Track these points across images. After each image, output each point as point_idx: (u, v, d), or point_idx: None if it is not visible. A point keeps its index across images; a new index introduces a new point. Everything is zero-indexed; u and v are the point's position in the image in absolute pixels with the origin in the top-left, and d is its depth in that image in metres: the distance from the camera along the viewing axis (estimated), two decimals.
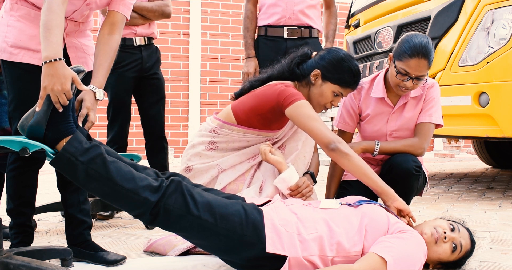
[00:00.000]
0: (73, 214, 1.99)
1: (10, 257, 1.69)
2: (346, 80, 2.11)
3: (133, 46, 2.92)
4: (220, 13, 7.19)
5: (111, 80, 2.89)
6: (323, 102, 2.13)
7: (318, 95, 2.13)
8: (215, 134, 2.16)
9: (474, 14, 3.25)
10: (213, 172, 2.13)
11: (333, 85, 2.11)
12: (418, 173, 2.21)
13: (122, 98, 2.90)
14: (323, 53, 2.18)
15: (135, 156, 2.21)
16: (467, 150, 8.17)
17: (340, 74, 2.10)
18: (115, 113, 2.91)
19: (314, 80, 2.13)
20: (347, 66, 2.11)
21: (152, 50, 2.99)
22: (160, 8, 2.93)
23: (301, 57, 2.21)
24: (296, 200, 1.85)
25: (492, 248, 2.15)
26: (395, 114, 2.35)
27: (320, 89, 2.12)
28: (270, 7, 2.99)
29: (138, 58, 2.91)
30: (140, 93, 2.98)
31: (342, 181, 2.44)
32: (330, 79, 2.11)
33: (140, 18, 2.89)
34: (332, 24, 3.18)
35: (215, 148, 2.16)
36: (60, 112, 1.62)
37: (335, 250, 1.62)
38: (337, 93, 2.12)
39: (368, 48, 4.18)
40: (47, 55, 1.63)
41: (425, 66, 2.14)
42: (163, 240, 2.06)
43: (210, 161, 2.14)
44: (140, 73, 2.92)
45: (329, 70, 2.11)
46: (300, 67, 2.18)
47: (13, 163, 1.94)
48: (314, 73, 2.12)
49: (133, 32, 2.91)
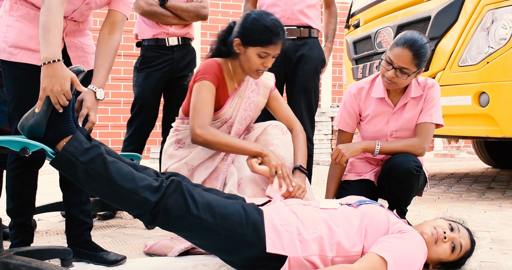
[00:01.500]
0: (74, 214, 1.99)
1: (10, 257, 1.69)
2: (264, 38, 2.03)
3: (165, 46, 2.90)
4: (220, 13, 7.19)
5: (140, 78, 2.90)
6: (254, 67, 2.08)
7: (246, 62, 2.09)
8: (177, 132, 2.21)
9: (474, 14, 3.25)
10: (184, 171, 2.14)
11: (254, 48, 2.04)
12: (419, 173, 2.21)
13: (146, 98, 2.88)
14: (239, 21, 2.13)
15: (135, 156, 2.22)
16: (467, 150, 8.17)
17: (256, 35, 2.03)
18: (137, 111, 2.90)
19: (238, 49, 2.09)
20: (261, 24, 2.03)
21: (186, 51, 2.96)
22: (196, 9, 2.90)
23: (224, 32, 2.18)
24: (296, 200, 1.85)
25: (492, 248, 2.15)
26: (396, 114, 2.35)
27: (246, 56, 2.07)
28: (269, 7, 2.99)
29: (169, 59, 2.90)
30: (168, 94, 2.97)
31: (342, 181, 2.44)
32: (250, 43, 2.05)
33: (174, 17, 2.87)
34: (332, 24, 3.17)
35: (183, 146, 2.19)
36: (60, 112, 1.62)
37: (335, 250, 1.62)
38: (262, 54, 2.05)
39: (368, 48, 4.18)
40: (46, 56, 1.62)
41: (408, 58, 2.15)
42: (158, 244, 2.07)
43: (180, 159, 2.16)
44: (170, 74, 2.91)
45: (245, 35, 2.05)
46: (227, 42, 2.15)
47: (13, 163, 1.94)
48: (235, 43, 2.08)
49: (165, 32, 2.89)
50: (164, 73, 2.89)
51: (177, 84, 2.94)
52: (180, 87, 2.95)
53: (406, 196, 2.26)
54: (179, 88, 2.95)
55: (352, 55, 4.46)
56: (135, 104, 2.91)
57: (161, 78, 2.89)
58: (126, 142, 2.90)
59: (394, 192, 2.26)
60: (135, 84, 2.94)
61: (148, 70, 2.87)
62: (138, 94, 2.90)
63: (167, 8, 2.85)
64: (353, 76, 4.37)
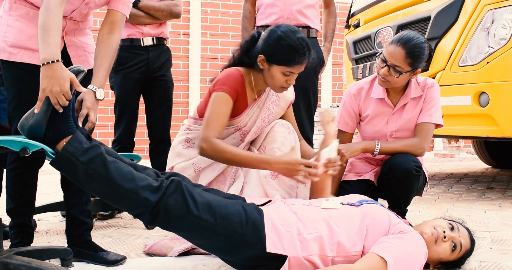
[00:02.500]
0: (74, 215, 1.99)
1: (10, 257, 1.69)
2: (289, 59, 2.00)
3: (140, 46, 2.90)
4: (220, 13, 7.18)
5: (118, 80, 2.91)
6: (278, 84, 2.07)
7: (270, 79, 2.07)
8: (189, 131, 2.20)
9: (474, 14, 3.25)
10: (190, 171, 2.13)
11: (279, 66, 2.02)
12: (419, 173, 2.21)
13: (127, 99, 2.89)
14: (264, 35, 2.10)
15: (135, 156, 2.22)
16: (467, 150, 8.16)
17: (282, 54, 2.01)
18: (120, 113, 2.92)
19: (262, 65, 2.07)
20: (286, 44, 2.01)
21: (161, 51, 2.96)
22: (169, 7, 2.90)
23: (247, 43, 2.15)
24: (297, 200, 1.85)
25: (492, 248, 2.15)
26: (395, 114, 2.35)
27: (270, 73, 2.06)
28: (267, 7, 2.98)
29: (144, 59, 2.90)
30: (147, 95, 2.97)
31: (342, 181, 2.44)
32: (274, 61, 2.02)
33: (147, 17, 2.87)
34: (331, 24, 3.17)
35: (192, 146, 2.18)
36: (60, 112, 1.62)
37: (335, 250, 1.62)
38: (287, 73, 2.03)
39: (368, 48, 4.18)
40: (44, 57, 1.62)
41: (401, 56, 2.15)
42: (158, 244, 2.07)
43: (187, 159, 2.16)
44: (146, 74, 2.91)
45: (270, 53, 2.03)
46: (250, 54, 2.12)
47: (13, 162, 1.93)
48: (259, 60, 2.06)
49: (140, 31, 2.89)
50: (140, 74, 2.89)
51: (156, 84, 2.95)
52: (159, 87, 2.96)
53: (406, 196, 2.26)
54: (159, 88, 2.95)
55: (352, 55, 4.46)
56: (116, 107, 2.93)
57: (138, 78, 2.89)
58: (114, 144, 2.91)
59: (394, 192, 2.26)
60: (114, 85, 2.94)
61: (125, 72, 2.87)
62: (118, 96, 2.91)
63: (139, 8, 2.84)
64: (353, 76, 4.37)
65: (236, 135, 2.17)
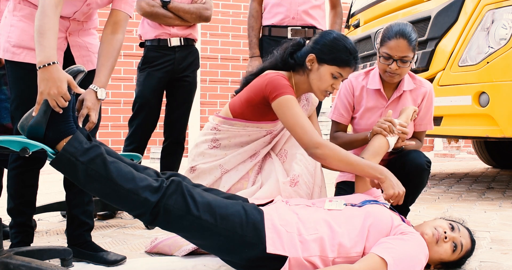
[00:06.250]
0: (76, 215, 2.00)
1: (10, 257, 1.69)
2: (343, 59, 2.01)
3: (167, 46, 2.90)
4: (220, 13, 7.18)
5: (141, 78, 2.92)
6: (323, 86, 2.05)
7: (317, 80, 2.05)
8: (217, 131, 2.15)
9: (474, 14, 3.25)
10: (216, 173, 2.12)
11: (330, 66, 2.02)
12: (429, 168, 2.27)
13: (146, 97, 2.88)
14: (315, 37, 2.12)
15: (135, 156, 2.21)
16: (467, 150, 8.16)
17: (335, 53, 2.01)
18: (137, 110, 2.90)
19: (311, 65, 2.05)
20: (342, 45, 2.02)
21: (189, 52, 2.96)
22: (198, 11, 2.89)
23: (293, 46, 2.15)
24: (300, 200, 1.85)
25: (492, 248, 2.15)
26: (389, 108, 2.36)
27: (318, 73, 2.04)
28: (274, 7, 2.99)
29: (170, 59, 2.89)
30: (169, 94, 2.97)
31: (339, 182, 2.47)
32: (326, 61, 2.03)
33: (176, 18, 2.87)
34: (337, 24, 3.18)
35: (218, 146, 2.14)
36: (60, 112, 1.62)
37: (336, 251, 1.62)
38: (336, 74, 2.03)
39: (368, 48, 4.18)
40: (40, 60, 1.62)
41: (405, 46, 2.18)
42: (169, 240, 2.06)
43: (213, 160, 2.13)
44: (171, 74, 2.91)
45: (323, 52, 2.03)
46: (294, 56, 2.12)
47: (14, 162, 1.94)
48: (309, 58, 2.05)
49: (167, 32, 2.89)
50: (165, 73, 2.89)
51: (179, 84, 2.95)
52: (182, 87, 2.95)
53: (414, 192, 2.29)
54: (181, 88, 2.95)
55: None
56: (135, 103, 2.92)
57: (161, 77, 2.89)
58: (126, 141, 2.91)
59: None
60: (137, 83, 2.95)
61: (149, 70, 2.89)
62: (138, 93, 2.91)
63: (169, 10, 2.85)
64: None
65: (266, 138, 2.16)
